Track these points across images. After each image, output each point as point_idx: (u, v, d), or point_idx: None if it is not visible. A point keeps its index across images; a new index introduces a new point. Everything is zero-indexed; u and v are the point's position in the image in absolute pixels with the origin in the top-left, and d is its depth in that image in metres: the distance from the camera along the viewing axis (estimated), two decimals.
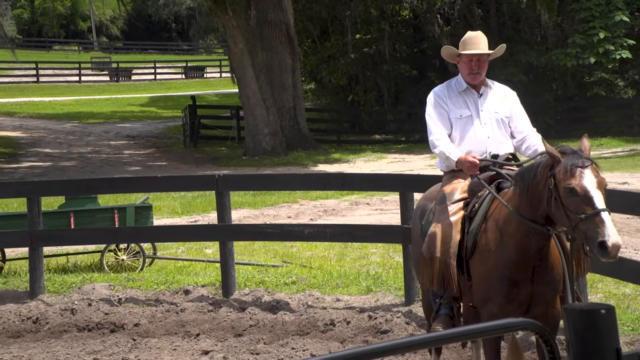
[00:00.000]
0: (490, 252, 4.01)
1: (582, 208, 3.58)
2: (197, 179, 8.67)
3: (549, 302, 3.99)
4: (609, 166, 15.90)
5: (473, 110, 4.48)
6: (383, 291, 7.05)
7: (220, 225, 7.29)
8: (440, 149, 4.40)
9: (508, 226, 3.96)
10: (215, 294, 7.28)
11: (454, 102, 4.50)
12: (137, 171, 19.12)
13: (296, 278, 7.62)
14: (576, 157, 3.70)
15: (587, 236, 3.55)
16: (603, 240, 3.49)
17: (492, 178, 4.24)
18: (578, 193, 3.60)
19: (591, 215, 3.55)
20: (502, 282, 3.94)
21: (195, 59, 51.24)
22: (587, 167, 3.67)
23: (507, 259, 3.93)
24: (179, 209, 12.47)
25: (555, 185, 3.68)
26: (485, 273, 4.02)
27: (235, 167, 20.17)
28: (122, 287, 7.56)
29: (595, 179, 3.65)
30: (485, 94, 4.51)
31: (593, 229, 3.53)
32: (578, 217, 3.57)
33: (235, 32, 21.22)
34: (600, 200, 3.59)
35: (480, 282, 4.05)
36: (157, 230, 8.11)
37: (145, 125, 29.21)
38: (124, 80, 44.67)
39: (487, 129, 4.45)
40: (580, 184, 3.62)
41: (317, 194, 13.36)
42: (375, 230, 7.44)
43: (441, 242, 4.19)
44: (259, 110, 21.66)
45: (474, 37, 4.51)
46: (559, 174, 3.67)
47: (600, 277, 6.71)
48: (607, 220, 3.55)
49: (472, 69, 4.45)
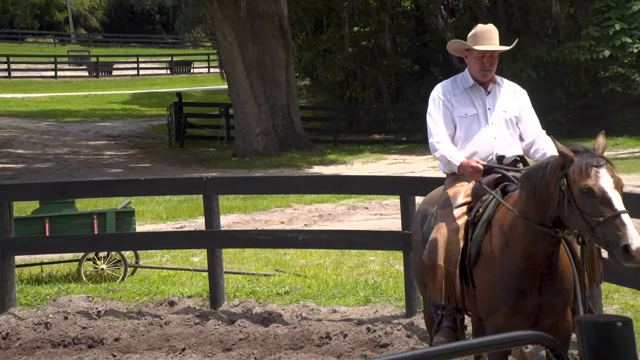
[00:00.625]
0: (495, 259, 3.99)
1: (600, 210, 3.56)
2: (184, 181, 8.66)
3: (559, 313, 3.98)
4: (625, 168, 15.93)
5: (480, 108, 4.46)
6: (382, 302, 7.05)
7: (208, 231, 7.28)
8: (441, 152, 4.38)
9: (514, 231, 3.94)
10: (203, 305, 7.26)
11: (459, 99, 4.47)
12: (119, 173, 19.10)
13: (289, 288, 7.61)
14: (590, 155, 3.68)
15: (608, 240, 3.52)
16: (627, 244, 3.46)
17: (497, 181, 4.23)
18: (595, 194, 3.58)
19: (610, 217, 3.52)
20: (508, 292, 3.92)
21: (181, 53, 51.27)
22: (603, 167, 3.65)
23: (513, 267, 3.91)
24: (164, 214, 12.45)
25: (569, 187, 3.66)
26: (489, 282, 4.00)
27: (224, 169, 20.16)
28: (102, 299, 7.53)
29: (612, 178, 3.63)
30: (493, 92, 4.49)
31: (613, 232, 3.51)
32: (596, 220, 3.55)
33: (224, 24, 21.23)
34: (619, 201, 3.57)
35: (484, 292, 4.04)
36: (140, 237, 8.09)
37: (127, 124, 29.18)
38: (104, 76, 44.65)
39: (494, 129, 4.42)
40: (597, 184, 3.59)
41: (312, 198, 13.36)
42: (374, 236, 7.44)
43: (443, 250, 4.17)
44: (250, 108, 21.66)
45: (487, 30, 4.47)
46: (573, 174, 3.64)
47: (616, 287, 6.72)
48: (628, 222, 3.52)
49: (484, 65, 4.42)
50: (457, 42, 4.57)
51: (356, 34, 26.83)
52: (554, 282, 3.92)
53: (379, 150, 23.36)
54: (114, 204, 10.92)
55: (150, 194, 10.67)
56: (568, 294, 3.95)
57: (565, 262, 3.95)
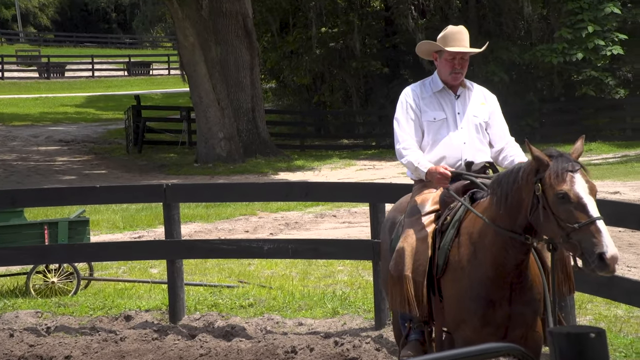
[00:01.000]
0: (463, 269, 4.01)
1: (576, 216, 3.59)
2: (142, 189, 8.57)
3: (529, 324, 4.00)
4: (599, 174, 16.20)
5: (449, 112, 4.49)
6: (351, 314, 7.05)
7: (168, 241, 7.21)
8: (408, 158, 4.40)
9: (483, 239, 3.96)
10: (161, 319, 7.19)
11: (428, 103, 4.50)
12: (72, 180, 18.87)
13: (254, 300, 7.58)
14: (565, 160, 3.72)
15: (583, 247, 3.55)
16: (602, 252, 3.49)
17: (466, 188, 4.26)
18: (571, 199, 3.61)
19: (586, 224, 3.55)
20: (477, 303, 3.94)
21: (140, 54, 50.86)
22: (577, 172, 3.69)
23: (482, 276, 3.94)
24: (121, 223, 12.32)
25: (544, 192, 3.69)
26: (458, 293, 4.02)
27: (185, 175, 20.03)
28: (52, 314, 7.41)
29: (587, 184, 3.67)
30: (463, 96, 4.53)
31: (589, 239, 3.53)
32: (571, 227, 3.58)
33: (185, 24, 21.12)
34: (594, 207, 3.60)
35: (452, 303, 4.05)
36: (95, 248, 7.98)
37: (81, 128, 28.86)
38: (55, 77, 44.11)
39: (463, 134, 4.45)
40: (572, 189, 3.63)
41: (278, 206, 13.33)
42: (342, 245, 7.44)
43: (410, 259, 4.18)
44: (213, 111, 21.56)
45: (457, 32, 4.50)
46: (549, 179, 3.67)
47: (590, 297, 6.81)
48: (603, 229, 3.55)
49: (454, 68, 4.45)
50: (427, 43, 4.59)
51: (324, 35, 26.90)
52: (524, 291, 3.95)
53: (348, 155, 23.43)
54: (67, 213, 10.77)
55: (106, 202, 10.56)
56: (538, 304, 3.99)
57: (534, 272, 3.98)
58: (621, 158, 19.77)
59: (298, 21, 27.79)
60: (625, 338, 6.05)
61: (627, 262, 8.44)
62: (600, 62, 23.42)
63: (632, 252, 8.91)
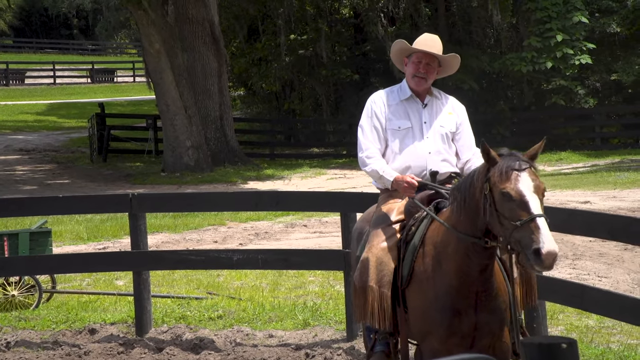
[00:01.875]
0: (428, 279, 4.04)
1: (518, 214, 3.66)
2: (107, 199, 8.50)
3: (496, 333, 4.04)
4: (569, 183, 16.41)
5: (415, 121, 4.52)
6: (322, 325, 7.05)
7: (134, 252, 7.16)
8: (372, 167, 4.43)
9: (446, 248, 4.00)
10: (127, 332, 7.12)
11: (394, 111, 4.53)
12: (33, 191, 18.62)
13: (223, 312, 7.55)
14: (513, 159, 3.80)
15: (522, 244, 3.62)
16: (537, 247, 3.56)
17: (431, 198, 4.30)
18: (513, 197, 3.69)
19: (526, 221, 3.63)
20: (442, 313, 3.97)
21: (103, 61, 50.41)
22: (525, 170, 3.76)
23: (447, 286, 3.97)
24: (85, 234, 12.20)
25: (491, 190, 3.77)
26: (423, 304, 4.05)
27: (152, 185, 19.88)
28: (12, 329, 7.30)
29: (533, 182, 3.74)
30: (430, 105, 4.56)
31: (528, 236, 3.60)
32: (513, 225, 3.66)
33: (150, 30, 21.01)
34: (536, 205, 3.67)
35: (418, 314, 4.08)
36: (57, 260, 7.88)
37: (42, 137, 28.50)
38: (15, 84, 43.54)
39: (429, 144, 4.48)
40: (515, 187, 3.70)
41: (247, 215, 13.30)
42: (313, 255, 7.45)
43: (374, 270, 4.19)
44: (180, 119, 21.46)
45: (430, 39, 4.56)
46: (494, 177, 3.77)
47: (561, 308, 6.89)
48: (542, 226, 3.61)
49: (418, 71, 4.49)
50: (401, 42, 4.61)
51: (293, 42, 26.94)
52: (490, 300, 3.99)
53: (318, 164, 23.46)
54: (28, 224, 10.63)
55: (69, 213, 10.44)
56: (504, 313, 4.03)
57: (500, 280, 4.03)
58: (591, 167, 20.07)
59: (267, 28, 27.81)
60: (597, 348, 6.13)
61: (598, 272, 8.57)
62: (569, 71, 23.78)
63: (603, 262, 9.04)
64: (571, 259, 9.16)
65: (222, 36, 23.38)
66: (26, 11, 58.51)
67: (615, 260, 9.06)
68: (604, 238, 5.94)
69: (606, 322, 6.70)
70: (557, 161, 21.74)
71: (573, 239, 9.83)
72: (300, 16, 27.17)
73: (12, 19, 58.41)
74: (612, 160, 21.09)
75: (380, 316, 4.16)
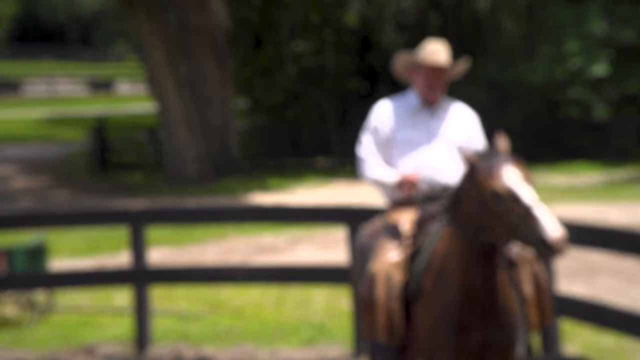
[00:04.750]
0: (434, 295, 4.04)
1: (513, 209, 3.72)
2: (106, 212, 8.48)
3: (505, 350, 4.01)
4: (583, 196, 16.35)
5: (423, 132, 4.50)
6: (328, 342, 7.02)
7: (134, 267, 7.14)
8: (372, 176, 4.48)
9: (450, 260, 4.01)
10: (127, 350, 7.09)
11: (401, 121, 4.51)
12: (30, 205, 18.64)
13: (225, 329, 7.52)
14: (492, 156, 3.86)
15: (529, 239, 3.68)
16: (543, 238, 3.62)
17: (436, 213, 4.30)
18: (503, 194, 3.74)
19: (523, 214, 3.68)
20: (448, 329, 3.97)
21: (103, 70, 50.63)
22: (506, 164, 3.83)
23: (452, 301, 3.97)
24: (83, 248, 12.18)
25: (481, 194, 3.82)
26: (429, 320, 4.05)
27: (153, 197, 19.89)
28: (7, 348, 7.27)
29: (518, 173, 3.80)
30: (438, 115, 4.54)
31: (530, 229, 3.66)
32: (512, 222, 3.71)
33: (151, 39, 21.10)
34: (528, 194, 3.72)
35: (424, 331, 4.07)
36: (54, 276, 7.87)
37: (39, 149, 28.58)
38: (10, 94, 43.71)
39: (436, 155, 4.47)
40: (503, 184, 3.76)
41: (250, 229, 13.27)
42: (319, 271, 7.41)
43: (383, 284, 4.19)
44: (182, 130, 21.49)
45: (437, 49, 4.51)
46: (479, 179, 3.82)
47: (577, 326, 6.84)
48: (540, 214, 3.66)
49: (429, 82, 4.47)
50: (404, 54, 4.60)
51: (297, 51, 27.01)
52: (498, 314, 3.98)
53: (324, 175, 23.45)
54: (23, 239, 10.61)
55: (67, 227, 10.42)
56: (513, 329, 4.01)
57: (508, 295, 4.03)
58: (606, 180, 20.01)
59: (270, 37, 27.89)
60: None
61: (615, 289, 8.51)
62: (584, 81, 23.76)
63: (620, 278, 8.99)
64: (587, 275, 9.11)
65: (225, 45, 23.45)
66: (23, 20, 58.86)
67: (633, 277, 9.00)
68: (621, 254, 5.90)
69: (624, 342, 6.64)
70: (571, 173, 21.69)
71: (589, 255, 9.77)
72: (304, 25, 27.25)
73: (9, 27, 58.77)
74: (628, 172, 21.03)
75: (389, 331, 4.14)
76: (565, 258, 10.20)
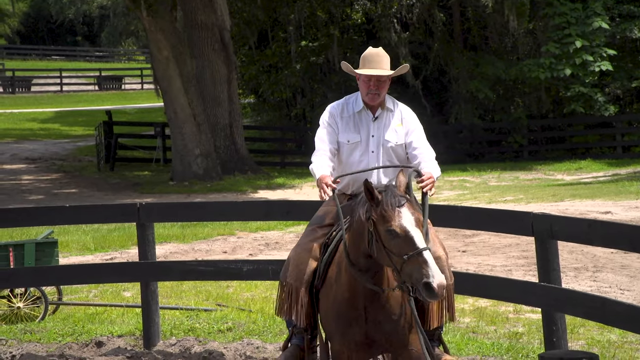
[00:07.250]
0: (332, 286, 4.39)
1: (405, 249, 4.00)
2: (114, 208, 8.51)
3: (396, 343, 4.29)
4: (589, 193, 16.31)
5: (363, 135, 4.72)
6: None
7: (142, 262, 7.16)
8: (311, 167, 4.70)
9: (343, 260, 4.34)
10: (135, 345, 7.12)
11: (345, 124, 4.74)
12: (40, 200, 18.71)
13: (233, 324, 7.54)
14: (391, 195, 4.11)
15: (413, 278, 3.97)
16: (428, 281, 3.91)
17: None
18: (398, 234, 4.03)
19: (413, 255, 3.97)
20: (337, 320, 4.33)
21: (111, 68, 50.66)
22: (404, 205, 4.10)
23: (341, 296, 4.32)
24: (92, 244, 12.23)
25: (376, 228, 4.10)
26: (326, 308, 4.41)
27: (160, 194, 19.93)
28: (17, 342, 7.30)
29: (413, 216, 4.07)
30: (380, 118, 4.75)
31: (418, 270, 3.96)
32: (401, 260, 4.00)
33: (158, 37, 21.12)
34: (420, 238, 4.02)
35: (324, 317, 4.45)
36: (64, 271, 7.89)
37: (49, 145, 28.64)
38: (21, 92, 43.79)
39: (375, 158, 4.70)
40: (399, 224, 4.04)
41: (257, 225, 13.29)
42: None
43: (294, 267, 4.54)
44: (189, 127, 21.52)
45: (375, 54, 4.78)
46: (377, 215, 4.09)
47: (582, 321, 6.84)
48: (429, 259, 3.96)
49: (370, 89, 4.71)
50: (344, 64, 4.90)
51: (304, 48, 27.00)
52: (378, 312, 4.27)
53: None
54: (34, 235, 10.67)
55: (76, 223, 10.47)
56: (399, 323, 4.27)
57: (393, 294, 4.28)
58: (612, 176, 19.95)
59: (277, 34, 27.88)
60: None
61: (620, 284, 8.50)
62: (589, 78, 23.68)
63: (625, 274, 8.97)
64: (592, 271, 9.10)
65: (231, 42, 23.46)
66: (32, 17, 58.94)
67: (638, 272, 8.99)
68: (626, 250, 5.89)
69: (629, 336, 6.64)
70: (576, 170, 21.64)
71: (594, 251, 9.76)
72: (311, 22, 27.23)
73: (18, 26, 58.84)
74: (633, 169, 20.97)
75: (294, 312, 4.48)
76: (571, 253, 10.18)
